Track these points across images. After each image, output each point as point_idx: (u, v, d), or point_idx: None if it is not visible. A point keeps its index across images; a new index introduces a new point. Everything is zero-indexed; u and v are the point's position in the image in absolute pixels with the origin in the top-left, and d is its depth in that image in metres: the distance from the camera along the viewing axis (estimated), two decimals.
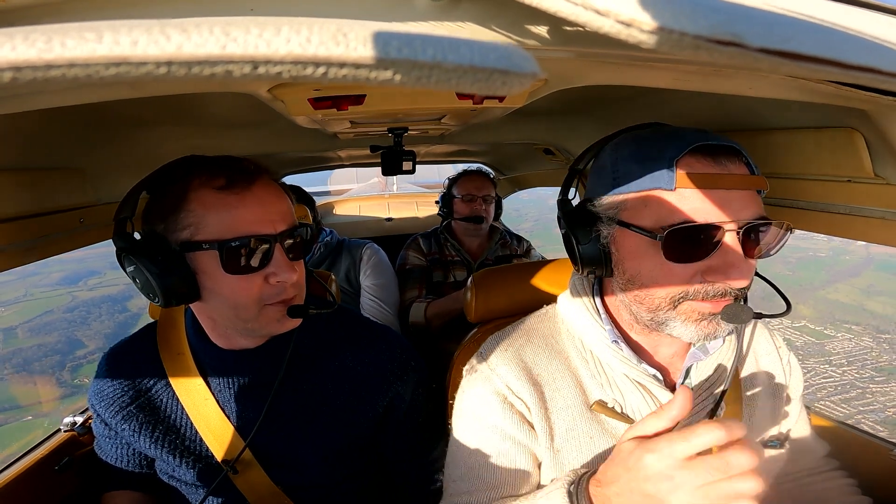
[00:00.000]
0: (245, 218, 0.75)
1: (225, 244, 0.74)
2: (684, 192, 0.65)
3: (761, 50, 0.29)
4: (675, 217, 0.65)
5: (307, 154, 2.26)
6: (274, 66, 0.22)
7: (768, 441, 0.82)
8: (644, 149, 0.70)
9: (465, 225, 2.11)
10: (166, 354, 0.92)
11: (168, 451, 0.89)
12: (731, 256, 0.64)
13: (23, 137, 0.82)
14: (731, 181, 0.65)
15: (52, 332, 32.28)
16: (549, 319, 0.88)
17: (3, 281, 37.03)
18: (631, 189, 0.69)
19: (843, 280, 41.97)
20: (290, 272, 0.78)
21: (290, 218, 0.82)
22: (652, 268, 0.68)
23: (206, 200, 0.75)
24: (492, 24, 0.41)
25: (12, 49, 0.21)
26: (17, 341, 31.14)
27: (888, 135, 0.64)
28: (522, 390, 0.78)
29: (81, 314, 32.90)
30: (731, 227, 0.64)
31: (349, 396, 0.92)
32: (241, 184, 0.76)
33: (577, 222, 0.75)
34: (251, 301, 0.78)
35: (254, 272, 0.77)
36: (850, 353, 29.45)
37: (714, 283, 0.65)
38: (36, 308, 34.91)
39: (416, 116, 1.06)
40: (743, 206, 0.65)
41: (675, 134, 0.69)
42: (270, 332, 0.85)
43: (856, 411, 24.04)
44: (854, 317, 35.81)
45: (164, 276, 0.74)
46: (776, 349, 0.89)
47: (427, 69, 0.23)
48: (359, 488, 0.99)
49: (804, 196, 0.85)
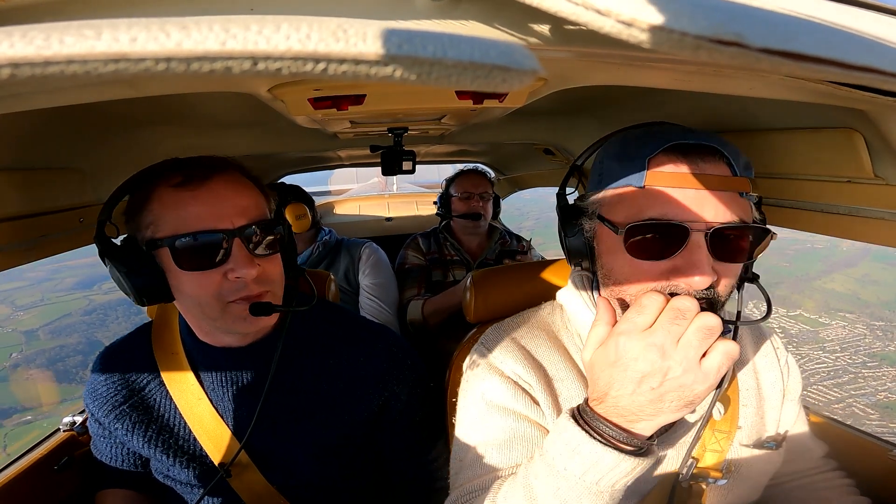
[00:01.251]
0: (197, 213, 0.75)
1: (174, 240, 0.74)
2: (653, 191, 0.66)
3: (763, 50, 0.29)
4: (641, 214, 0.66)
5: (307, 154, 2.26)
6: (273, 63, 0.22)
7: (765, 442, 0.82)
8: (626, 147, 0.71)
9: (464, 223, 2.11)
10: (160, 354, 0.92)
11: (161, 450, 0.89)
12: (695, 257, 0.63)
13: (22, 137, 0.81)
14: (703, 181, 0.64)
15: (72, 333, 33.01)
16: (548, 314, 0.88)
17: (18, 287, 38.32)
18: (611, 186, 0.70)
19: (839, 270, 42.59)
20: (248, 267, 0.76)
21: (254, 212, 0.79)
22: (623, 264, 0.69)
23: (164, 198, 0.76)
24: (492, 23, 0.41)
25: (10, 46, 0.21)
26: (39, 343, 31.92)
27: (888, 135, 0.64)
28: (529, 377, 0.78)
29: (99, 316, 33.45)
30: (698, 229, 0.63)
31: (343, 395, 0.92)
32: (196, 180, 0.76)
33: (567, 216, 0.77)
34: (211, 298, 0.77)
35: (211, 269, 0.75)
36: (844, 340, 30.25)
37: (678, 283, 0.64)
38: (54, 312, 35.63)
39: (415, 116, 1.06)
40: (715, 208, 0.64)
41: (656, 133, 0.69)
42: (239, 330, 0.83)
43: (847, 395, 24.57)
44: (849, 305, 36.60)
45: (132, 276, 0.76)
46: (774, 350, 0.89)
47: (427, 65, 0.23)
48: (356, 488, 0.99)
49: (804, 196, 0.85)
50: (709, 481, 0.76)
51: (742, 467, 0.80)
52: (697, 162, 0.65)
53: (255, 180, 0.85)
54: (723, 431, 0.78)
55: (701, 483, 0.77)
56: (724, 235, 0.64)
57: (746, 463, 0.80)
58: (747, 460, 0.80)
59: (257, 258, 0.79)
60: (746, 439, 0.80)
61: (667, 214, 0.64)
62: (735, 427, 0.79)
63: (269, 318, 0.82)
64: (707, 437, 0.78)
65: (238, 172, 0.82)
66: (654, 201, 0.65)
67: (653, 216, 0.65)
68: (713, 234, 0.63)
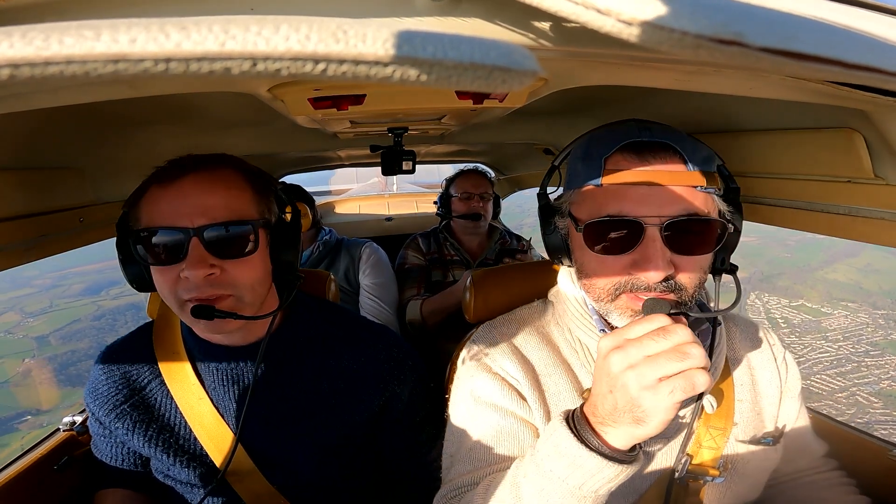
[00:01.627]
0: (161, 210, 0.76)
1: (140, 232, 0.77)
2: (609, 188, 0.69)
3: (763, 49, 0.29)
4: (600, 212, 0.69)
5: (307, 154, 2.26)
6: (273, 63, 0.22)
7: (762, 438, 0.82)
8: (588, 148, 0.74)
9: (464, 223, 2.11)
10: (161, 353, 0.92)
11: (162, 449, 0.88)
12: (649, 251, 0.66)
13: (23, 137, 0.81)
14: (655, 177, 0.67)
15: (82, 338, 33.51)
16: (539, 311, 0.90)
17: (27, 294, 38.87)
18: (576, 185, 0.74)
19: (840, 260, 42.71)
20: (198, 268, 0.74)
21: (221, 212, 0.77)
22: (590, 259, 0.72)
23: (149, 194, 0.79)
24: (492, 23, 0.41)
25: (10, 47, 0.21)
26: (50, 348, 32.37)
27: (888, 135, 0.64)
28: (518, 373, 0.79)
29: (108, 321, 33.87)
30: (652, 223, 0.66)
31: (344, 395, 0.92)
32: (171, 177, 0.77)
33: (545, 215, 0.81)
34: (170, 294, 0.78)
35: (167, 265, 0.76)
36: (846, 329, 30.35)
37: (638, 277, 0.67)
38: (63, 318, 36.10)
39: (415, 116, 1.06)
40: (667, 202, 0.66)
41: (616, 131, 0.72)
42: (199, 331, 0.85)
43: (851, 384, 24.48)
44: (851, 295, 36.61)
45: (124, 264, 0.82)
46: (770, 346, 0.89)
47: (427, 66, 0.23)
48: (356, 488, 0.99)
49: (804, 196, 0.85)
50: (706, 479, 0.76)
51: (739, 464, 0.80)
52: (649, 159, 0.68)
53: (252, 178, 0.84)
54: (717, 428, 0.78)
55: (698, 481, 0.77)
56: (680, 228, 0.66)
57: (743, 459, 0.80)
58: (744, 457, 0.80)
59: (218, 260, 0.76)
60: (743, 435, 0.81)
61: (622, 210, 0.67)
62: (730, 423, 0.79)
63: (235, 322, 0.79)
64: (702, 433, 0.78)
65: (229, 169, 0.81)
66: (611, 198, 0.68)
67: (609, 213, 0.68)
68: (667, 228, 0.66)
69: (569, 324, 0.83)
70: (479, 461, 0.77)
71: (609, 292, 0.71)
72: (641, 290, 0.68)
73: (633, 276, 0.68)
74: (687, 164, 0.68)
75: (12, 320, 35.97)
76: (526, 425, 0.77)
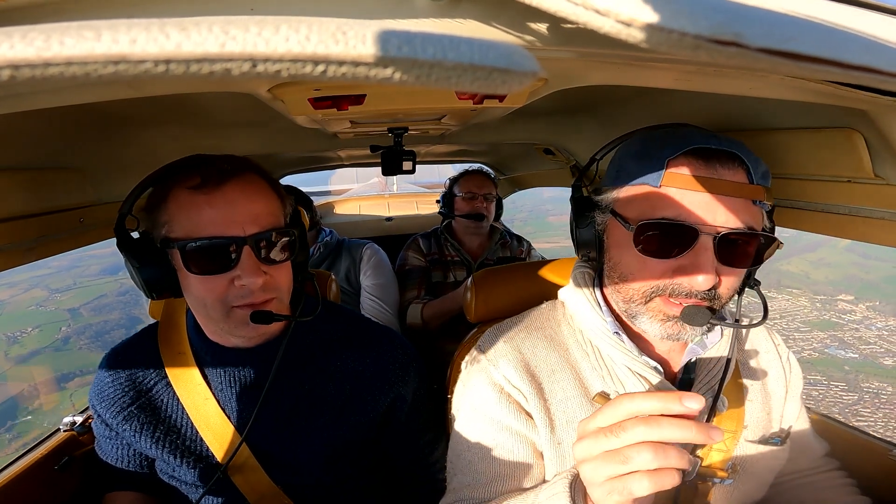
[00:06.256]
0: (211, 219, 0.75)
1: (186, 244, 0.74)
2: (668, 191, 0.67)
3: (762, 50, 0.29)
4: (654, 213, 0.68)
5: (307, 154, 2.26)
6: (273, 65, 0.22)
7: (770, 438, 0.82)
8: (646, 147, 0.72)
9: (466, 223, 2.11)
10: (167, 354, 0.92)
11: (168, 451, 0.89)
12: (700, 259, 0.65)
13: (23, 137, 0.81)
14: (718, 186, 0.66)
15: (112, 311, 35.50)
16: (549, 313, 0.89)
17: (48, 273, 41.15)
18: (627, 183, 0.72)
19: (797, 255, 45.95)
20: (255, 276, 0.76)
21: (267, 220, 0.79)
22: (630, 259, 0.71)
23: (180, 199, 0.76)
24: (492, 23, 0.41)
25: (10, 48, 0.21)
26: (83, 319, 34.46)
27: (888, 135, 0.64)
28: (520, 382, 0.78)
29: (134, 296, 34.98)
30: (708, 231, 0.65)
31: (350, 397, 0.92)
32: (212, 183, 0.76)
33: (580, 208, 0.79)
34: (216, 302, 0.77)
35: (218, 274, 0.76)
36: (785, 311, 33.62)
37: (681, 282, 0.66)
38: (89, 293, 38.17)
39: (416, 116, 1.06)
40: (727, 214, 0.66)
41: (678, 135, 0.70)
42: (241, 334, 0.83)
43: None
44: (797, 283, 40.29)
45: (143, 270, 0.78)
46: (775, 347, 0.89)
47: (427, 67, 0.23)
48: (361, 488, 0.99)
49: (804, 196, 0.85)
50: (714, 481, 0.76)
51: (748, 464, 0.80)
52: (716, 167, 0.67)
53: (273, 183, 0.85)
54: (728, 430, 0.78)
55: (707, 482, 0.77)
56: (731, 241, 0.66)
57: (752, 460, 0.80)
58: (753, 457, 0.80)
59: (266, 266, 0.79)
60: (752, 436, 0.81)
61: (679, 215, 0.66)
62: (741, 426, 0.79)
63: (275, 325, 0.82)
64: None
65: (256, 175, 0.82)
66: (669, 202, 0.67)
67: (665, 216, 0.67)
68: (721, 239, 0.65)
69: (580, 325, 0.82)
70: (477, 474, 0.78)
71: (644, 294, 0.70)
72: (681, 295, 0.67)
73: (674, 280, 0.67)
74: (751, 176, 0.68)
75: (40, 296, 37.98)
76: (524, 441, 0.77)
